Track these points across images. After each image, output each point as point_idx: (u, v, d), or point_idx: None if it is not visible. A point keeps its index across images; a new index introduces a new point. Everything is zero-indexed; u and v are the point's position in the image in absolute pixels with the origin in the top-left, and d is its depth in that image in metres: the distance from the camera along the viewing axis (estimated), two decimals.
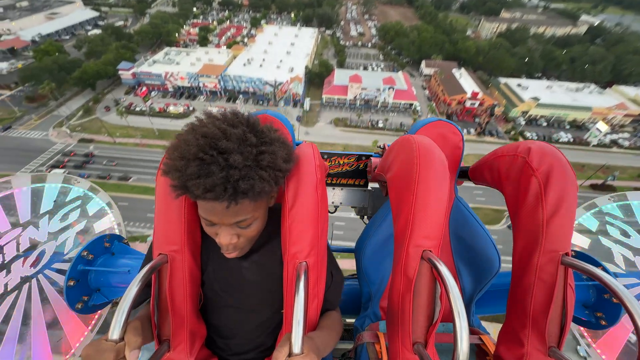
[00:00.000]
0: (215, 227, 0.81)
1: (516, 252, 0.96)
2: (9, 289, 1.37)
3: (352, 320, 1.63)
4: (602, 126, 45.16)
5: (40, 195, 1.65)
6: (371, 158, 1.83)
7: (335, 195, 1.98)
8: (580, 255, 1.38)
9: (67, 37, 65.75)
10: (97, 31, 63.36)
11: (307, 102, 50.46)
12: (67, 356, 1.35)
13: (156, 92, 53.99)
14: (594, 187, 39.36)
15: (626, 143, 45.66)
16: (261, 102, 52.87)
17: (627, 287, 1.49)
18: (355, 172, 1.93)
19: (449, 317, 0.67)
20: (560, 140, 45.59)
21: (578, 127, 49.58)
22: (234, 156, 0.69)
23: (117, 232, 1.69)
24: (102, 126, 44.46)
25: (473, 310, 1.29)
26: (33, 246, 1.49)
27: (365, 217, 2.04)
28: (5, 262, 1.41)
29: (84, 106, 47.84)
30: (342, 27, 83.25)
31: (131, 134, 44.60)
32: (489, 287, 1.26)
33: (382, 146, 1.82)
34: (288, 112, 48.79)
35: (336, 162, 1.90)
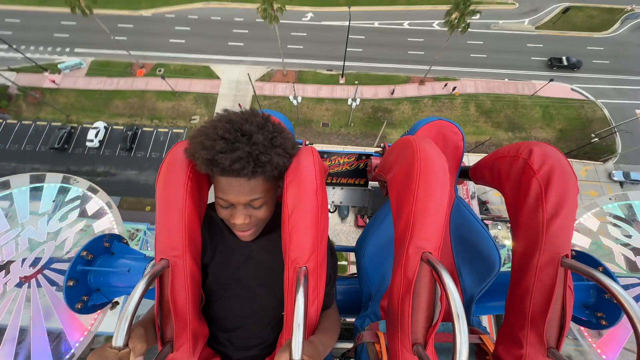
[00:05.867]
0: (229, 209, 0.90)
1: (516, 252, 0.96)
2: (8, 289, 1.37)
3: (352, 320, 1.63)
4: None
5: (39, 195, 1.64)
6: (371, 157, 1.83)
7: (335, 194, 1.98)
8: (581, 255, 1.38)
9: None
10: None
11: None
12: (67, 356, 1.35)
13: None
14: None
15: None
16: None
17: (628, 287, 1.49)
18: (355, 171, 1.93)
19: (449, 316, 0.67)
20: None
21: None
22: (255, 136, 0.83)
23: (116, 232, 1.69)
24: None
25: (473, 310, 1.29)
26: (32, 246, 1.49)
27: (365, 216, 2.04)
28: (5, 262, 1.41)
29: None
30: None
31: None
32: (489, 287, 1.26)
33: (382, 146, 1.82)
34: None
35: (336, 162, 1.90)
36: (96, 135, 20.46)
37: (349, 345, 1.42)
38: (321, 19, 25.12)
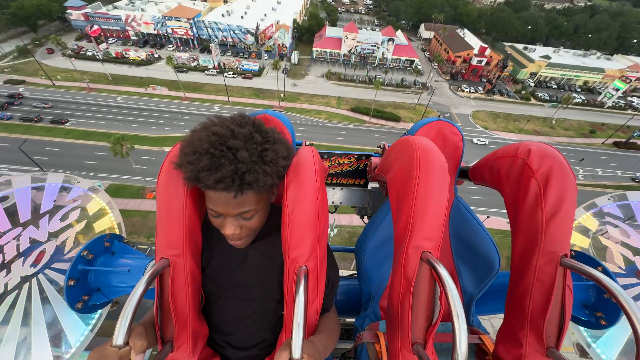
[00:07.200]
0: (220, 218, 0.88)
1: (515, 252, 0.96)
2: (9, 289, 1.37)
3: (352, 320, 1.63)
4: (619, 84, 44.87)
5: (41, 195, 1.65)
6: (371, 158, 1.83)
7: (335, 195, 1.98)
8: (580, 255, 1.38)
9: None
10: None
11: (295, 55, 45.42)
12: (67, 356, 1.35)
13: (115, 39, 44.34)
14: (617, 144, 40.98)
15: None
16: (242, 55, 45.09)
17: (627, 287, 1.49)
18: (355, 172, 1.93)
19: (449, 316, 0.67)
20: (574, 102, 44.72)
21: (589, 90, 50.21)
22: (241, 152, 0.78)
23: (117, 232, 1.69)
24: (40, 69, 38.08)
25: (473, 310, 1.29)
26: (33, 246, 1.49)
27: (365, 217, 2.04)
28: (6, 261, 1.41)
29: (19, 47, 40.60)
30: None
31: (77, 78, 38.40)
32: (489, 287, 1.26)
33: (382, 146, 1.82)
34: (272, 64, 40.03)
35: (336, 162, 1.90)
36: None
37: (349, 345, 1.42)
38: None
